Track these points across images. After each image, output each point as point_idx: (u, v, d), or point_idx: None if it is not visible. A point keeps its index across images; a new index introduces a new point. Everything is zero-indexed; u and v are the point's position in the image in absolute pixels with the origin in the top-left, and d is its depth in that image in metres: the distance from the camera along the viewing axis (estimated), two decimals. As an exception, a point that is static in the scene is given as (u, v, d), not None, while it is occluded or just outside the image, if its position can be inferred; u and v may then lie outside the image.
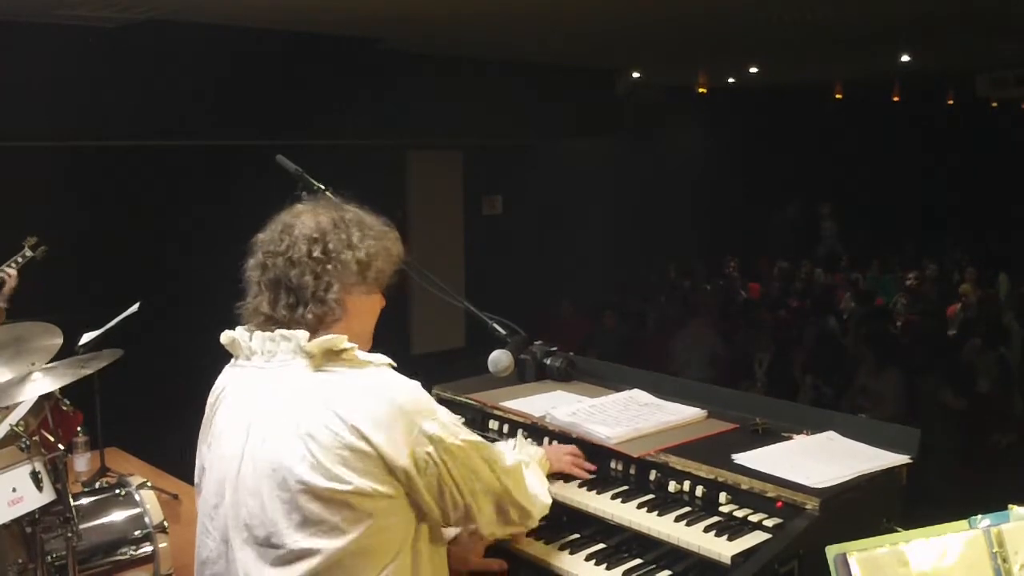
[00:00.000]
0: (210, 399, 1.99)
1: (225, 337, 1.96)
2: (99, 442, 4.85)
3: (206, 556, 1.92)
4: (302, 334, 1.83)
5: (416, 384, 1.87)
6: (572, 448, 2.41)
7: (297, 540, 1.74)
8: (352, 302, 1.89)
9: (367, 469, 1.74)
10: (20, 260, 4.62)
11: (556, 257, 10.83)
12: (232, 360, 1.98)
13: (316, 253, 1.85)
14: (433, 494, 1.82)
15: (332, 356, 1.82)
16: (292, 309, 1.85)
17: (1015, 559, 1.48)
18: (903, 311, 9.30)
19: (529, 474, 2.08)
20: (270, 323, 1.87)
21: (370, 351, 1.91)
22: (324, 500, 1.73)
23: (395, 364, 1.89)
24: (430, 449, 1.80)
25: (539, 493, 2.08)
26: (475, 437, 1.92)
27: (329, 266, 1.85)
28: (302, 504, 1.73)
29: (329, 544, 1.73)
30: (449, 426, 1.85)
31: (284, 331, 1.84)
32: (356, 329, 1.91)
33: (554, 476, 2.32)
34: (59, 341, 3.37)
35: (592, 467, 2.38)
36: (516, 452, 2.22)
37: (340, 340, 1.81)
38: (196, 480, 2.00)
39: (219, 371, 2.02)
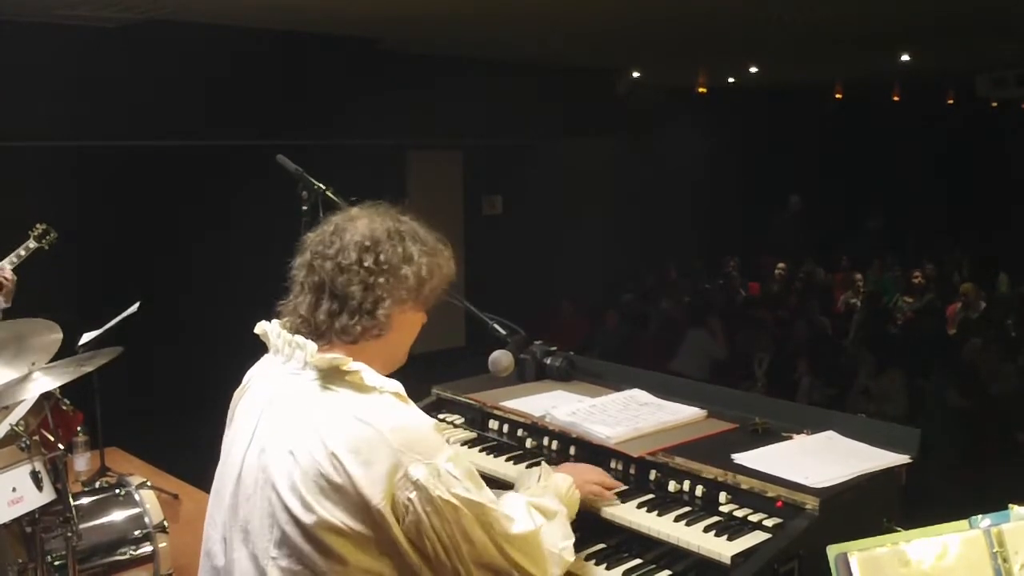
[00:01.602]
0: (241, 383, 1.96)
1: (259, 328, 1.91)
2: (99, 442, 4.86)
3: (209, 547, 1.90)
4: (312, 346, 1.78)
5: (424, 421, 1.76)
6: (597, 472, 2.24)
7: (274, 558, 1.71)
8: (398, 318, 1.81)
9: (341, 502, 1.65)
10: (23, 253, 4.42)
11: (556, 257, 10.82)
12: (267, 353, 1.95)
13: (368, 262, 1.76)
14: (412, 542, 1.69)
15: (337, 375, 1.75)
16: (334, 316, 1.77)
17: (1015, 559, 1.48)
18: (905, 309, 9.31)
19: (552, 530, 1.88)
20: (304, 326, 1.81)
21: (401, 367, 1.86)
22: (298, 526, 1.68)
23: (403, 393, 1.78)
24: (412, 495, 1.66)
25: (560, 551, 1.88)
26: (476, 496, 1.72)
27: (381, 278, 1.76)
28: (281, 523, 1.70)
29: (301, 571, 1.68)
30: (443, 475, 1.68)
31: (300, 339, 1.79)
32: (394, 345, 1.85)
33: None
34: (59, 340, 3.37)
35: (617, 486, 2.23)
36: (540, 484, 2.04)
37: (345, 361, 1.74)
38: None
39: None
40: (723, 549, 1.97)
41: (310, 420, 1.72)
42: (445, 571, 1.71)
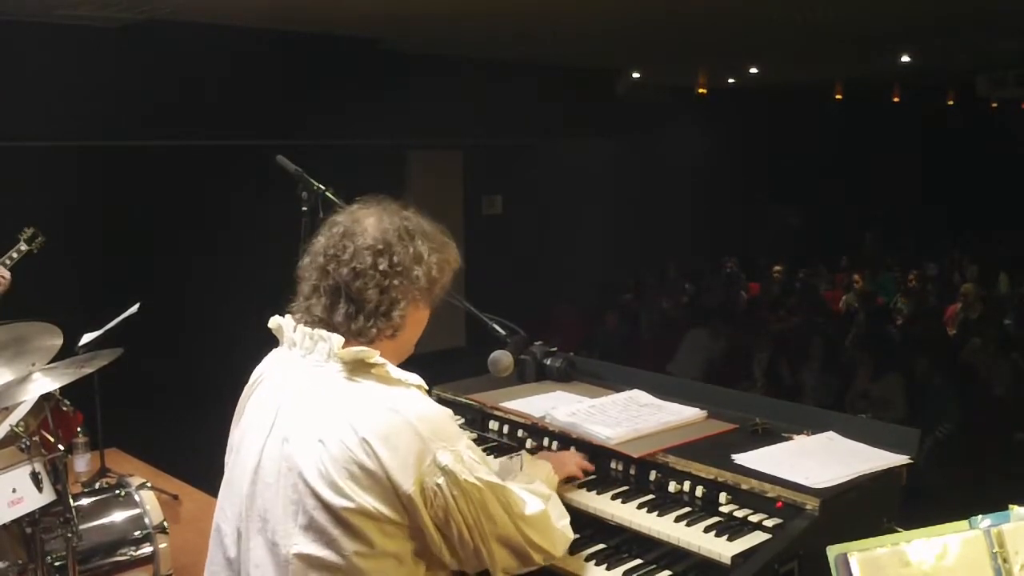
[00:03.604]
0: (250, 380, 1.99)
1: (273, 322, 1.94)
2: (99, 442, 4.86)
3: (220, 539, 1.92)
4: (337, 339, 1.81)
5: (444, 411, 1.83)
6: (572, 455, 2.35)
7: (298, 543, 1.74)
8: (411, 317, 1.87)
9: (372, 488, 1.71)
10: (15, 256, 4.45)
11: (556, 257, 10.82)
12: (278, 347, 1.97)
13: (383, 266, 1.81)
14: (438, 525, 1.76)
15: (363, 367, 1.80)
16: (351, 319, 1.82)
17: (1015, 559, 1.48)
18: (904, 309, 9.30)
19: (552, 510, 1.98)
20: (321, 326, 1.84)
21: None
22: (328, 511, 1.72)
23: (427, 387, 1.85)
24: (440, 481, 1.73)
25: (562, 528, 1.99)
26: (494, 478, 1.82)
27: (396, 280, 1.81)
28: (308, 509, 1.73)
29: (327, 556, 1.72)
30: (467, 461, 1.77)
31: (323, 332, 1.83)
32: (404, 341, 1.90)
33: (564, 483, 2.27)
34: (59, 341, 3.37)
35: (591, 467, 2.35)
36: (524, 472, 2.14)
37: (372, 354, 1.79)
38: (225, 460, 2.00)
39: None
40: (723, 549, 1.97)
41: (339, 409, 1.76)
42: (467, 550, 1.80)
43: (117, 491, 3.71)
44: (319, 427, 1.75)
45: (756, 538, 1.99)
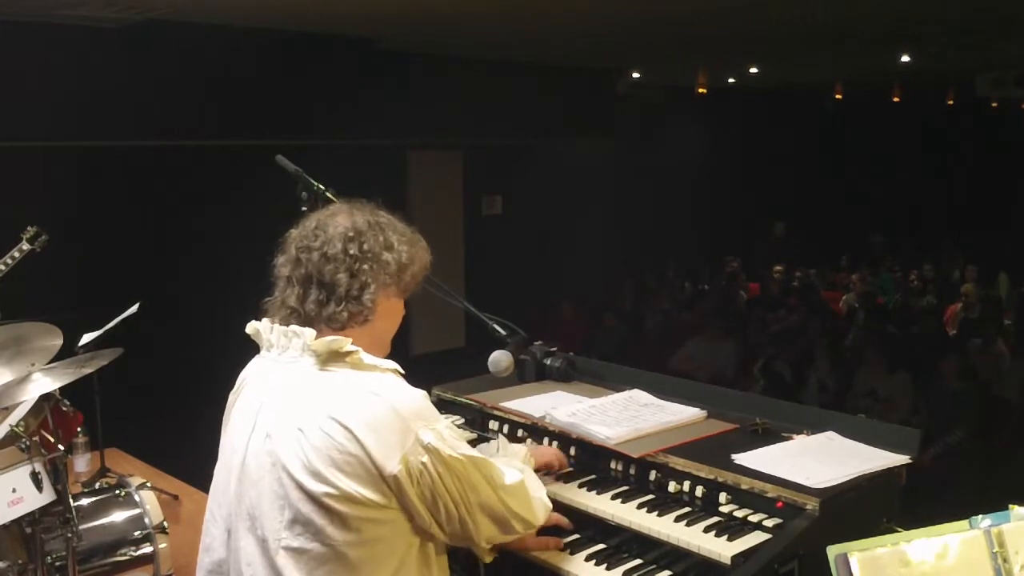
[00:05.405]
0: (235, 386, 2.01)
1: (250, 327, 1.97)
2: (99, 442, 4.85)
3: (209, 543, 1.94)
4: (309, 332, 1.84)
5: (420, 393, 1.85)
6: (552, 450, 2.43)
7: (285, 538, 1.76)
8: (382, 304, 1.89)
9: (356, 473, 1.73)
10: (17, 255, 4.49)
11: (556, 257, 10.82)
12: (259, 351, 2.00)
13: (352, 251, 1.85)
14: (426, 503, 1.80)
15: (336, 357, 1.82)
16: (322, 305, 1.85)
17: (1015, 559, 1.48)
18: (903, 309, 9.31)
19: (530, 482, 2.05)
20: (294, 317, 1.88)
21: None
22: (314, 502, 1.73)
23: (401, 371, 1.87)
24: (425, 459, 1.77)
25: (540, 497, 2.06)
26: (474, 452, 1.89)
27: (366, 265, 1.85)
28: (293, 502, 1.75)
29: (315, 547, 1.74)
30: (447, 439, 1.82)
31: (296, 327, 1.86)
32: (379, 332, 1.92)
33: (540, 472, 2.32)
34: (59, 342, 3.37)
35: (564, 459, 2.41)
36: (501, 455, 2.19)
37: (344, 342, 1.81)
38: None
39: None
40: (723, 549, 1.97)
41: (317, 398, 1.78)
42: (453, 523, 1.84)
43: (117, 491, 3.71)
44: (299, 418, 1.78)
45: (756, 538, 2.00)
